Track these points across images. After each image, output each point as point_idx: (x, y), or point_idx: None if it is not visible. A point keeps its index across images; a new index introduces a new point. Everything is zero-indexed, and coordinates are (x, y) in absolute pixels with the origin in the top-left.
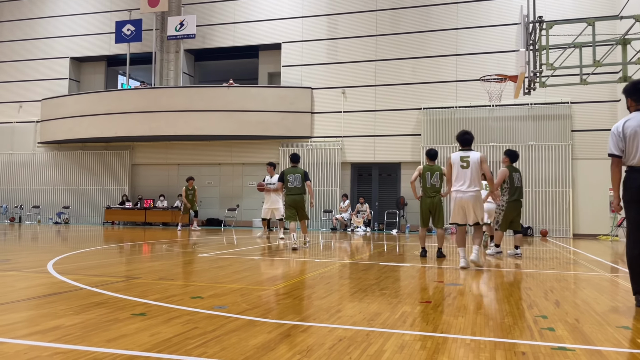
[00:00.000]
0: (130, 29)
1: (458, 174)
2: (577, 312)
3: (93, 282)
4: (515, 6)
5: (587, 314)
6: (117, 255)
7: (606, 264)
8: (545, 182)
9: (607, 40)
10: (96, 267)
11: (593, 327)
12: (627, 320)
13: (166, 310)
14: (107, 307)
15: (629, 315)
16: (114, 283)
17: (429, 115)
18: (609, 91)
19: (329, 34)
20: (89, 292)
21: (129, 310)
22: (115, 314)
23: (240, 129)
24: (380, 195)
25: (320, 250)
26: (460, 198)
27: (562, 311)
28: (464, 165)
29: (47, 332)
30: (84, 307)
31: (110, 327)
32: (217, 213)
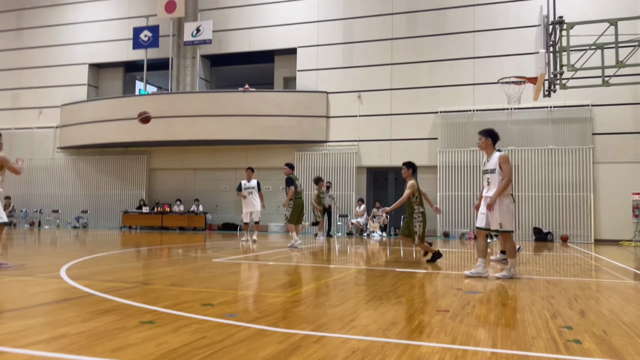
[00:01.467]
0: (147, 35)
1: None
2: (604, 322)
3: (104, 288)
4: (534, 8)
5: (614, 324)
6: (132, 260)
7: (630, 271)
8: (565, 187)
9: (630, 41)
10: (109, 272)
11: (622, 339)
12: None
13: (175, 318)
14: (116, 314)
15: None
16: (125, 289)
17: (446, 119)
18: (632, 93)
19: (344, 38)
20: (99, 299)
21: (137, 317)
22: (123, 321)
23: (256, 134)
24: (396, 199)
25: (336, 255)
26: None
27: (588, 321)
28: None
29: (52, 341)
30: (92, 315)
31: (117, 336)
32: (233, 218)
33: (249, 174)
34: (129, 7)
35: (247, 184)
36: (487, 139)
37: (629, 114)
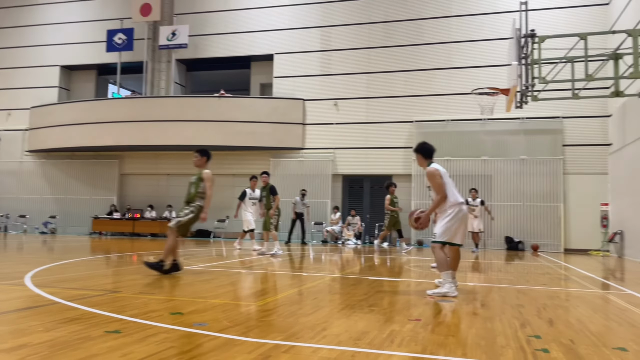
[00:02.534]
0: (121, 38)
1: (451, 185)
2: (571, 331)
3: (70, 296)
4: (508, 20)
5: (581, 333)
6: (100, 268)
7: (598, 280)
8: (536, 197)
9: (599, 55)
10: (76, 279)
11: (589, 348)
12: (623, 341)
13: (142, 328)
14: (81, 323)
15: (624, 335)
16: (91, 297)
17: (421, 128)
18: (600, 106)
19: (321, 46)
20: (64, 307)
21: (103, 327)
22: (87, 331)
23: (231, 140)
24: (371, 207)
25: (310, 263)
26: (465, 212)
27: (556, 331)
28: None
29: (12, 352)
30: (56, 324)
31: (80, 346)
32: (206, 224)
33: (254, 183)
34: (103, 9)
35: (252, 193)
36: (418, 155)
37: (597, 126)
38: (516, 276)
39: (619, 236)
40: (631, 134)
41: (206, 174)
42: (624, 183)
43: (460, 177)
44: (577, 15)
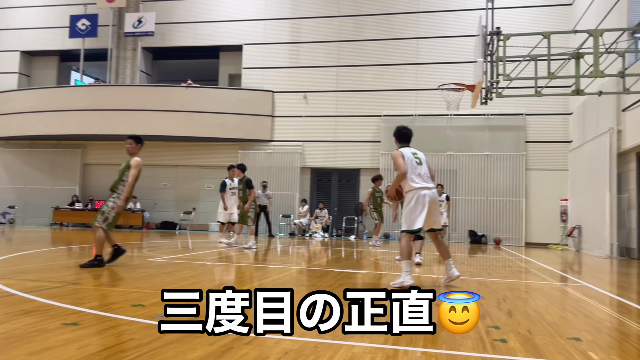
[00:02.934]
0: (85, 24)
1: (414, 170)
2: (529, 322)
3: (26, 288)
4: (474, 17)
5: (538, 324)
6: (60, 259)
7: (556, 273)
8: (499, 192)
9: (562, 54)
10: (34, 271)
11: (545, 338)
12: (577, 331)
13: (102, 320)
14: (37, 315)
15: (579, 326)
16: (49, 289)
17: (389, 122)
18: (562, 104)
19: (291, 38)
20: (20, 299)
21: (60, 319)
22: (44, 323)
23: (199, 131)
24: (339, 200)
25: (277, 255)
26: (430, 197)
27: (514, 321)
28: (418, 161)
29: None
30: (10, 316)
31: (35, 339)
32: (172, 216)
33: (232, 173)
34: None
35: (232, 183)
36: (395, 139)
37: (559, 123)
38: (478, 269)
39: (577, 231)
40: (590, 132)
41: (135, 160)
42: (582, 179)
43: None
44: (541, 14)
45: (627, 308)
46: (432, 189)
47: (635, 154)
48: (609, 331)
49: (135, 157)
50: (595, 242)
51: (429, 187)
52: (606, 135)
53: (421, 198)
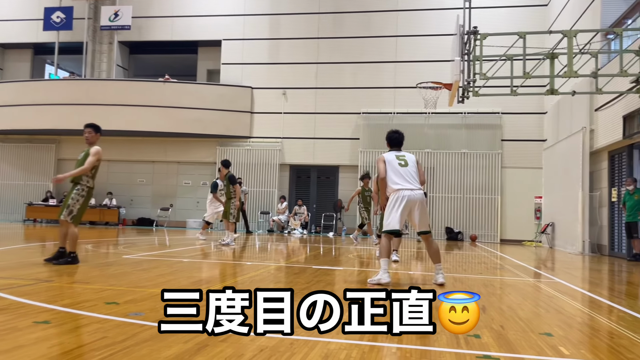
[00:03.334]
0: (60, 17)
1: (396, 172)
2: (502, 318)
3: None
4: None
5: (511, 320)
6: (33, 256)
7: (530, 269)
8: (476, 189)
9: (537, 54)
10: (5, 268)
11: (517, 333)
12: (549, 326)
13: (74, 318)
14: (7, 313)
15: (550, 321)
16: (21, 287)
17: (368, 120)
18: (537, 103)
19: (270, 34)
20: None
21: (31, 317)
22: (15, 321)
23: (176, 126)
24: (318, 197)
25: (254, 252)
26: (408, 197)
27: (488, 317)
28: (402, 163)
29: None
30: None
31: (5, 337)
32: (149, 212)
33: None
34: None
35: (222, 183)
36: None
37: (534, 122)
38: (454, 265)
39: (551, 228)
40: (564, 131)
41: (95, 149)
42: (556, 177)
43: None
44: (517, 14)
45: (597, 304)
46: (414, 190)
47: (607, 153)
48: (579, 326)
49: (95, 146)
50: (568, 239)
51: (411, 188)
52: (579, 134)
53: (399, 199)
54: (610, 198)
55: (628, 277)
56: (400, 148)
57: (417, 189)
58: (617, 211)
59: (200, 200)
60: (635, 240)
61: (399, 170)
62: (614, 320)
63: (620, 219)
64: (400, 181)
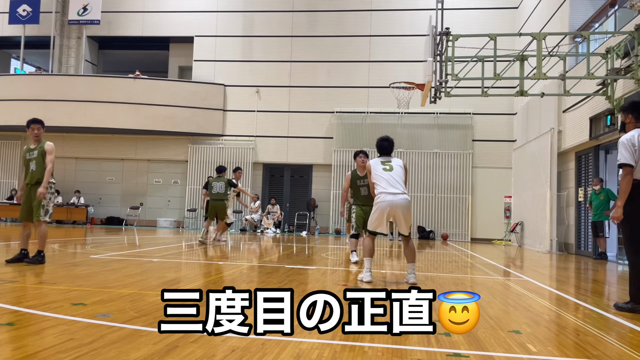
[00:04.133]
0: (26, 10)
1: (379, 177)
2: None
3: None
4: (425, 18)
5: (481, 318)
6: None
7: (499, 268)
8: (447, 188)
9: (507, 56)
10: None
11: (487, 331)
12: (517, 324)
13: (40, 319)
14: None
15: (519, 319)
16: None
17: (342, 119)
18: (507, 104)
19: (244, 31)
20: None
21: None
22: None
23: (147, 124)
24: (291, 196)
25: (227, 251)
26: (390, 201)
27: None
28: (387, 168)
29: None
30: None
31: None
32: (118, 211)
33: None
34: None
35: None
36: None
37: (503, 123)
38: (425, 264)
39: (520, 227)
40: (533, 132)
41: (50, 145)
42: (525, 177)
43: None
44: (489, 17)
45: (564, 301)
46: (397, 194)
47: (574, 154)
48: (547, 324)
49: (46, 141)
50: (537, 238)
51: (393, 192)
52: (547, 135)
53: (380, 203)
54: (577, 198)
55: (594, 275)
56: (390, 155)
57: (400, 193)
58: (583, 211)
59: (172, 199)
60: (600, 239)
61: (383, 175)
62: (580, 318)
63: (587, 218)
64: (383, 185)
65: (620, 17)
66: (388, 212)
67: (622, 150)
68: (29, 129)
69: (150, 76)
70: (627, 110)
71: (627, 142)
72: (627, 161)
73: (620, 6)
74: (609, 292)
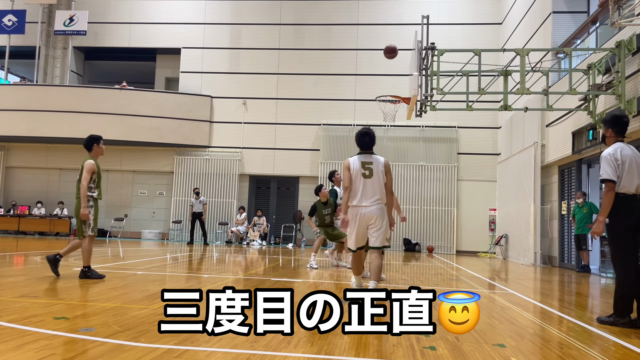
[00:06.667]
0: (11, 20)
1: (356, 186)
2: None
3: None
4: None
5: None
6: None
7: (484, 281)
8: (433, 201)
9: (492, 71)
10: None
11: (472, 345)
12: (502, 337)
13: (20, 334)
14: None
15: (504, 332)
16: None
17: (328, 131)
18: (491, 118)
19: (231, 43)
20: None
21: None
22: None
23: (132, 135)
24: (278, 208)
25: (212, 264)
26: (362, 214)
27: (442, 329)
28: (366, 173)
29: None
30: None
31: None
32: (102, 223)
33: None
34: None
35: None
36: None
37: (488, 137)
38: (411, 276)
39: (504, 239)
40: (517, 145)
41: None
42: (509, 190)
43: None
44: (473, 32)
45: (548, 315)
46: (369, 207)
47: (557, 167)
48: (531, 337)
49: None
50: (521, 251)
51: (366, 205)
52: (531, 149)
53: (354, 217)
54: (560, 211)
55: (577, 288)
56: (371, 151)
57: (373, 205)
58: (567, 224)
59: (157, 211)
60: (584, 252)
61: (359, 184)
62: (563, 331)
63: (570, 231)
64: (358, 196)
65: (601, 34)
66: (359, 221)
67: (605, 165)
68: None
69: (137, 87)
70: (607, 124)
71: (609, 157)
72: (610, 177)
73: (601, 23)
74: (592, 305)
